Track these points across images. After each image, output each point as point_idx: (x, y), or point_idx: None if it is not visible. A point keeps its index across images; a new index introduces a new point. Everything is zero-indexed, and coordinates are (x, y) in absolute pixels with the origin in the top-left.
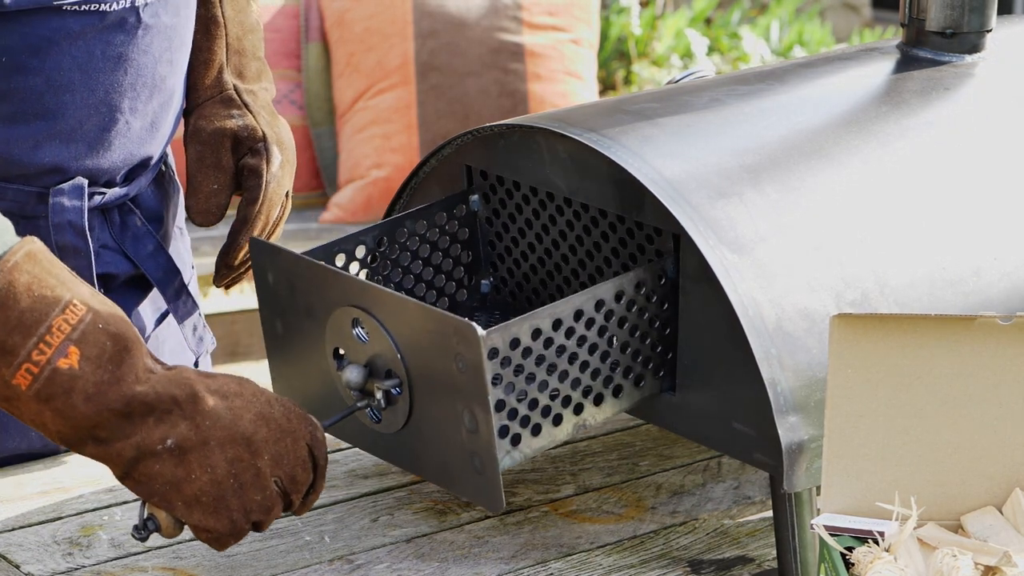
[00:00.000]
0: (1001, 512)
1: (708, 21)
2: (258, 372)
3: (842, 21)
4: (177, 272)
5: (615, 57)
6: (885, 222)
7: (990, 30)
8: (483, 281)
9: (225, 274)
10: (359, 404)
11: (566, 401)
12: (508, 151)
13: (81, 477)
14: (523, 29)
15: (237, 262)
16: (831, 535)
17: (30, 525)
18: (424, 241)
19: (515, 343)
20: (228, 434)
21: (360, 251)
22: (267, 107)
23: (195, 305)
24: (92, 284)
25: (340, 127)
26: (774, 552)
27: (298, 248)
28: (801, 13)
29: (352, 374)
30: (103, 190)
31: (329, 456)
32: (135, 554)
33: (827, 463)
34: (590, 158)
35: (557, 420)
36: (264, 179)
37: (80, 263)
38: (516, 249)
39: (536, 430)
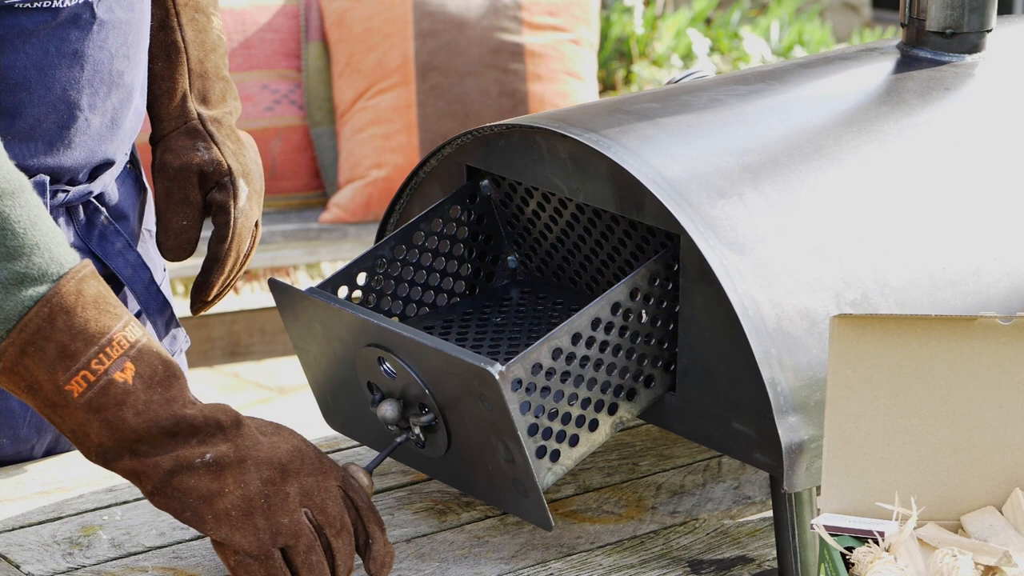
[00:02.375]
0: (1001, 512)
1: (708, 21)
2: (258, 371)
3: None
4: (147, 270)
5: (615, 57)
6: (885, 222)
7: (990, 30)
8: (509, 258)
9: (200, 307)
10: (398, 440)
11: (599, 406)
12: (508, 151)
13: (81, 477)
14: (523, 29)
15: (211, 298)
16: (831, 535)
17: (30, 525)
18: (443, 237)
19: (537, 368)
20: (265, 457)
21: (381, 264)
22: (232, 135)
23: (167, 304)
24: None
25: (340, 127)
26: (774, 552)
27: (300, 250)
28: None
29: (387, 411)
30: (67, 188)
31: (328, 456)
32: (135, 554)
33: (827, 463)
34: (590, 158)
35: (593, 426)
36: (232, 215)
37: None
38: (534, 229)
39: (574, 441)
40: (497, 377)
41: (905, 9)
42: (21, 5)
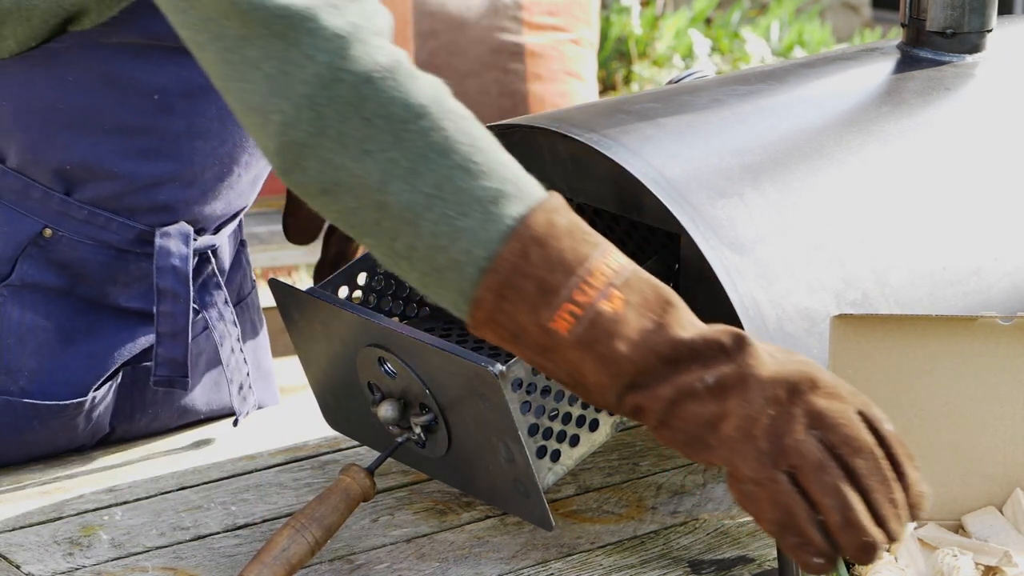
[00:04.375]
0: (1001, 512)
1: (708, 21)
2: None
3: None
4: (237, 326)
5: (615, 57)
6: (886, 222)
7: (991, 30)
8: None
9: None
10: (399, 440)
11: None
12: (508, 151)
13: (82, 477)
14: (523, 29)
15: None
16: None
17: (30, 525)
18: None
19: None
20: (770, 376)
21: (381, 265)
22: None
23: (245, 363)
24: (187, 332)
25: None
26: (775, 552)
27: (300, 250)
28: (801, 13)
29: (387, 411)
30: (196, 236)
31: (328, 456)
32: (136, 554)
33: None
34: (590, 158)
35: (594, 425)
36: None
37: (178, 309)
38: None
39: (574, 441)
40: (498, 377)
41: (905, 9)
42: None
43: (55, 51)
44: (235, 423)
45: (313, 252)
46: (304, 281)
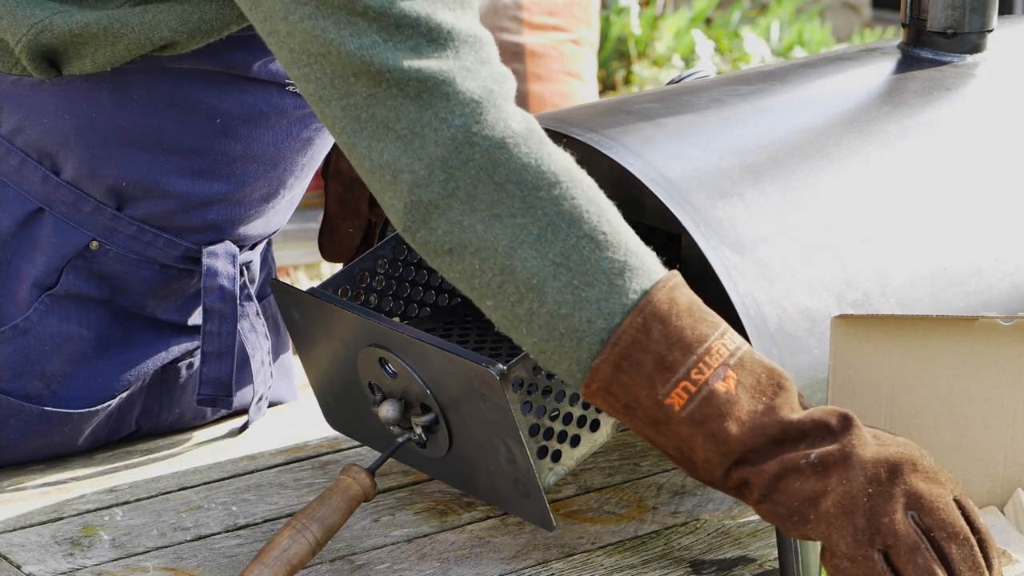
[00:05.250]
0: (1002, 511)
1: (708, 21)
2: None
3: (842, 21)
4: (268, 339)
5: (615, 57)
6: (886, 222)
7: (991, 30)
8: None
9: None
10: (400, 440)
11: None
12: None
13: (82, 477)
14: (523, 29)
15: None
16: None
17: (31, 525)
18: None
19: (538, 368)
20: (872, 455)
21: (382, 264)
22: None
23: (271, 377)
24: (233, 351)
25: None
26: (775, 552)
27: (300, 250)
28: (801, 13)
29: (388, 411)
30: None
31: (329, 457)
32: (136, 554)
33: None
34: (591, 158)
35: (595, 426)
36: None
37: (225, 328)
38: None
39: (575, 441)
40: (499, 377)
41: (906, 9)
42: (291, 87)
43: (124, 71)
44: (244, 426)
45: (313, 252)
46: (303, 281)
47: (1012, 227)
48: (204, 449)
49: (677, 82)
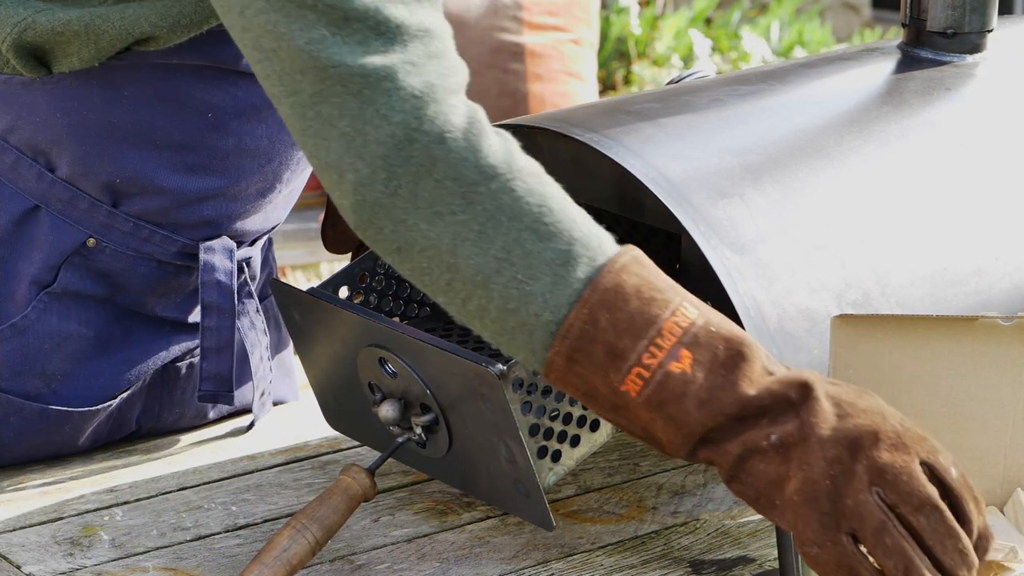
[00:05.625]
0: (1002, 512)
1: (708, 21)
2: None
3: (842, 21)
4: (267, 335)
5: (615, 57)
6: (887, 222)
7: (991, 30)
8: None
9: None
10: (400, 440)
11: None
12: None
13: (82, 477)
14: (523, 29)
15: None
16: None
17: (31, 525)
18: None
19: None
20: (831, 434)
21: (382, 264)
22: None
23: (270, 372)
24: (232, 346)
25: None
26: (775, 552)
27: (301, 250)
28: (801, 13)
29: (388, 411)
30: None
31: (329, 457)
32: (136, 554)
33: None
34: (591, 158)
35: (595, 426)
36: None
37: (223, 323)
38: None
39: (575, 441)
40: (499, 377)
41: (906, 9)
42: None
43: (114, 68)
44: (250, 426)
45: (313, 252)
46: (303, 281)
47: (1012, 227)
48: (204, 449)
49: (677, 82)
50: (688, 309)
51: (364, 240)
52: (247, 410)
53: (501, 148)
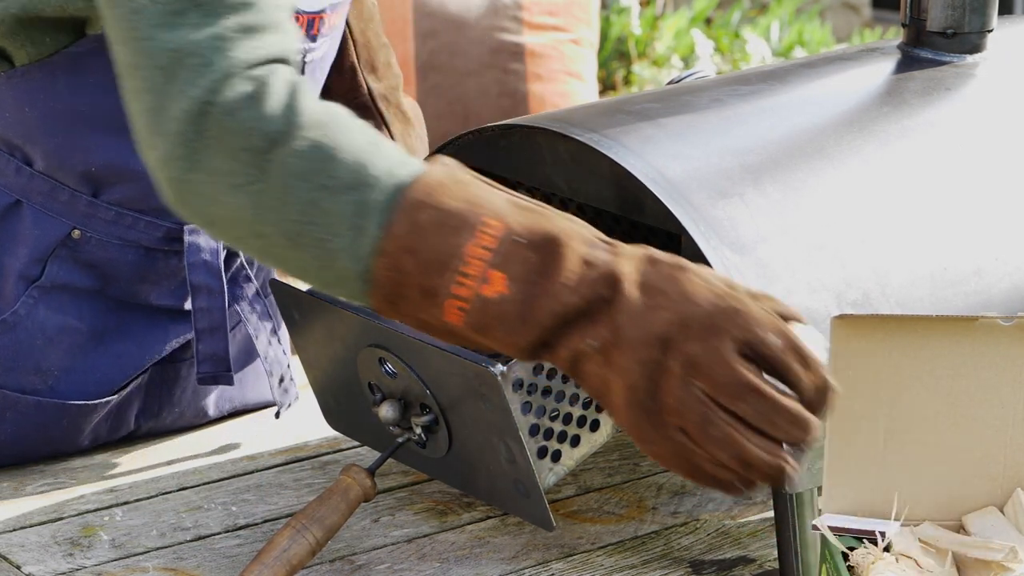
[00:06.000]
0: (1002, 512)
1: (708, 21)
2: None
3: (842, 21)
4: (271, 318)
5: (615, 57)
6: (887, 222)
7: (991, 30)
8: None
9: None
10: (400, 440)
11: (600, 406)
12: (509, 151)
13: (82, 477)
14: (523, 29)
15: None
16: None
17: (31, 525)
18: None
19: (539, 368)
20: (641, 334)
21: None
22: (398, 114)
23: (285, 355)
24: (225, 326)
25: None
26: (775, 552)
27: None
28: (801, 13)
29: (388, 412)
30: None
31: (329, 457)
32: (136, 554)
33: (828, 463)
34: (591, 158)
35: (594, 426)
36: None
37: (213, 303)
38: None
39: (575, 441)
40: (499, 377)
41: (906, 9)
42: None
43: (74, 55)
44: (277, 415)
45: None
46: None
47: (1012, 227)
48: (204, 449)
49: (677, 82)
50: (489, 226)
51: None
52: (248, 410)
53: (284, 107)
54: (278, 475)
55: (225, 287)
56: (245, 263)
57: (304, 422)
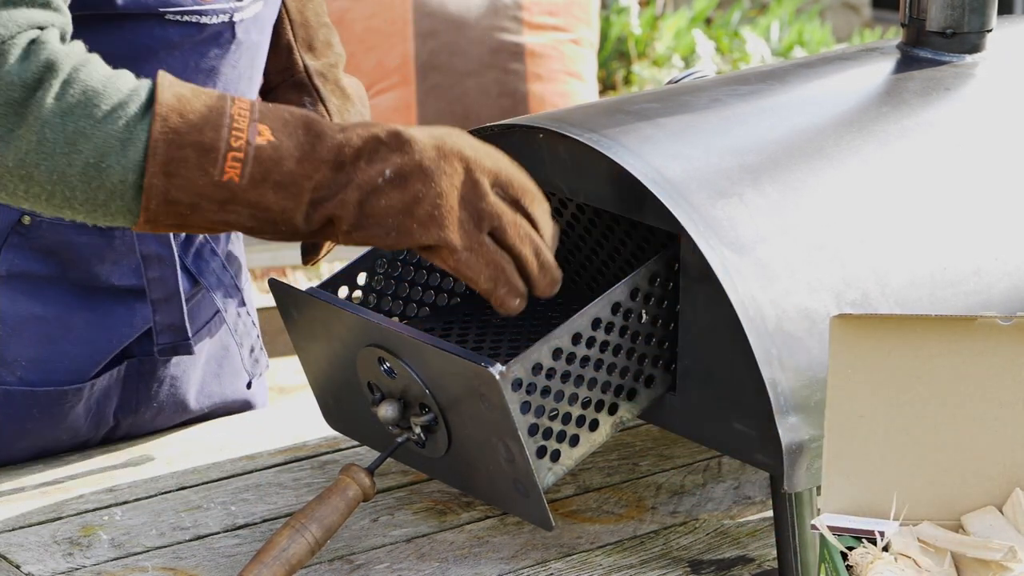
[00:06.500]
0: (1001, 512)
1: (708, 21)
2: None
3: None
4: (239, 291)
5: (615, 57)
6: (886, 222)
7: (990, 30)
8: None
9: (311, 261)
10: (399, 440)
11: (599, 406)
12: (508, 151)
13: (81, 477)
14: (523, 29)
15: (316, 262)
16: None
17: (30, 525)
18: None
19: (537, 368)
20: (439, 153)
21: (381, 264)
22: (336, 90)
23: (254, 326)
24: (180, 294)
25: None
26: (774, 552)
27: (299, 251)
28: (801, 13)
29: (387, 411)
30: None
31: (328, 456)
32: (135, 554)
33: (827, 463)
34: (590, 158)
35: (594, 425)
36: None
37: (166, 272)
38: None
39: (574, 441)
40: (498, 377)
41: (905, 9)
42: (172, 17)
43: None
44: (248, 385)
45: None
46: (302, 281)
47: (1011, 227)
48: (203, 449)
49: (677, 82)
50: (238, 101)
51: None
52: (229, 406)
53: (44, 59)
54: (277, 475)
55: (176, 255)
56: (208, 237)
57: (303, 422)
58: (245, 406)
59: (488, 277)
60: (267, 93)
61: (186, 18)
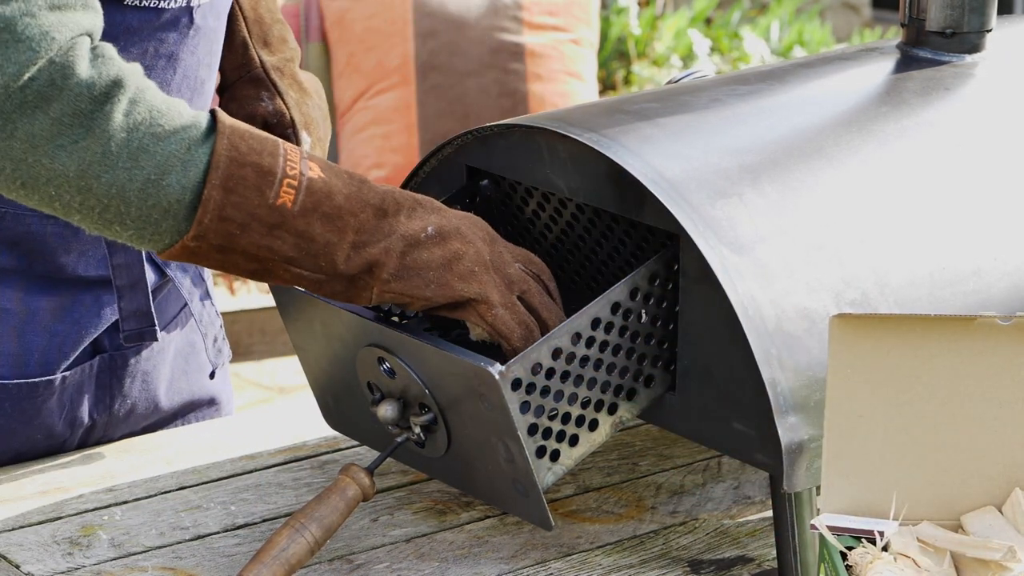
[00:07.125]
0: (1001, 512)
1: (708, 21)
2: (258, 371)
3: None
4: (203, 282)
5: (615, 57)
6: (885, 222)
7: (990, 30)
8: None
9: None
10: (399, 440)
11: (599, 405)
12: (508, 151)
13: (81, 477)
14: (523, 29)
15: None
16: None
17: (30, 525)
18: None
19: (537, 368)
20: (470, 222)
21: None
22: (293, 84)
23: (217, 316)
24: (145, 280)
25: (340, 127)
26: (774, 552)
27: None
28: (801, 13)
29: (387, 411)
30: None
31: (328, 456)
32: (135, 554)
33: (827, 463)
34: (590, 158)
35: (593, 425)
36: None
37: (130, 258)
38: (534, 229)
39: (574, 440)
40: (497, 377)
41: (905, 9)
42: (130, 3)
43: None
44: (211, 375)
45: None
46: None
47: (1011, 227)
48: (202, 448)
49: (676, 82)
50: (289, 145)
51: None
52: (197, 404)
53: (103, 74)
54: (277, 474)
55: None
56: None
57: (303, 421)
58: (211, 402)
59: (521, 336)
60: (224, 90)
61: (144, 3)
